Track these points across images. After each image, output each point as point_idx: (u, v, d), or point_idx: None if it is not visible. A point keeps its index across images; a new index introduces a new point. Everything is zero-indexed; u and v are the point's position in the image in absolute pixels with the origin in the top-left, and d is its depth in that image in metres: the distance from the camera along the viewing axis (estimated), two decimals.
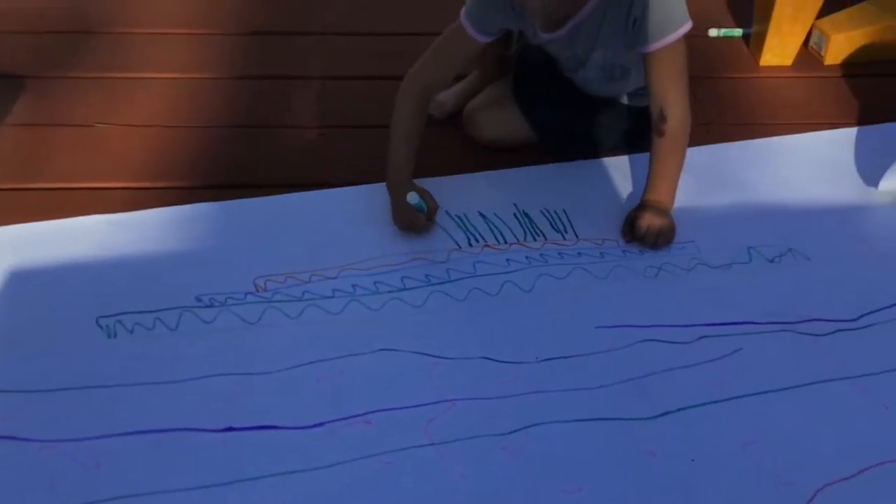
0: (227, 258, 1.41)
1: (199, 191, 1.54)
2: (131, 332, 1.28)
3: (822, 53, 1.96)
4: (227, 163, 1.62)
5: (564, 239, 1.46)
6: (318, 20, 2.06)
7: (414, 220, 1.43)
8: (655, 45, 1.39)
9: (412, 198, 1.39)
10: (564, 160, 1.62)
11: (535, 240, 1.46)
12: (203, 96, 1.79)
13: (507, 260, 1.42)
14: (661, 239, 1.43)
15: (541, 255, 1.43)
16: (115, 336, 1.27)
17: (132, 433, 1.14)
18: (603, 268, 1.41)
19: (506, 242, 1.45)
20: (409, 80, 1.50)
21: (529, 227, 1.48)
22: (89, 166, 1.59)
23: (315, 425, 1.17)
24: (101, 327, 1.28)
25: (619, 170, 1.61)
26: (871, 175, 1.58)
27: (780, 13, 1.86)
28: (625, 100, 1.61)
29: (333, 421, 1.17)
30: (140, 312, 1.31)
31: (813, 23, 1.92)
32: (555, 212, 1.51)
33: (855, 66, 1.95)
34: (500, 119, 1.62)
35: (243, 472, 1.11)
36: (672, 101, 1.41)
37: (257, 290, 1.35)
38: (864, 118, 1.78)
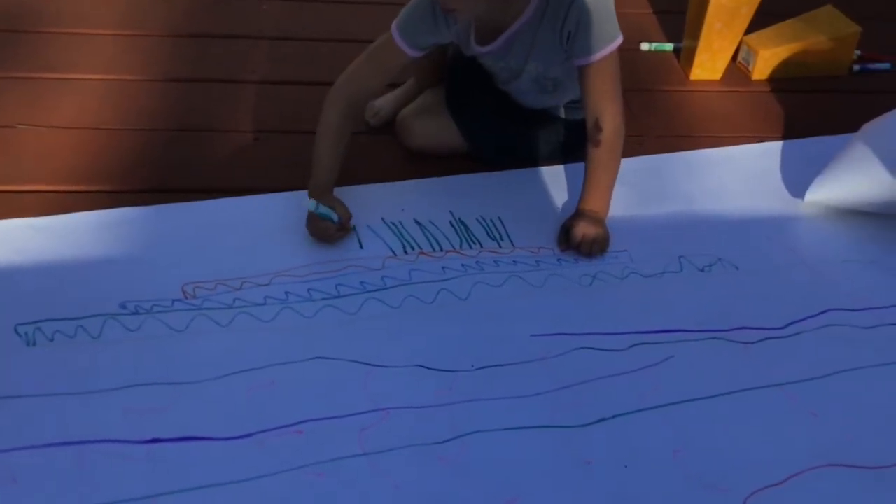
0: (155, 264, 1.36)
1: (127, 195, 1.50)
2: (51, 339, 1.23)
3: (750, 68, 2.01)
4: (157, 166, 1.58)
5: (500, 247, 1.46)
6: (254, 24, 2.03)
7: (323, 230, 1.41)
8: (590, 59, 1.40)
9: (312, 205, 1.37)
10: (497, 169, 1.61)
11: (470, 248, 1.45)
12: (132, 98, 1.74)
13: (443, 268, 1.41)
14: (595, 247, 1.44)
15: (476, 262, 1.42)
16: (33, 344, 1.22)
17: (51, 445, 1.09)
18: (538, 276, 1.41)
19: (441, 250, 1.44)
20: (338, 85, 1.48)
21: (465, 235, 1.48)
22: (10, 168, 1.53)
23: (243, 436, 1.13)
24: (19, 335, 1.23)
25: (555, 179, 1.62)
26: (797, 187, 1.63)
27: (709, 29, 1.90)
28: (561, 112, 1.62)
29: (263, 431, 1.14)
30: (61, 320, 1.26)
31: (741, 39, 1.96)
32: (491, 220, 1.50)
33: (782, 82, 2.00)
34: (433, 126, 1.62)
35: (168, 485, 1.07)
36: (607, 112, 1.43)
37: (186, 297, 1.31)
38: (790, 132, 1.83)
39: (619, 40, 1.41)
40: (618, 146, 1.46)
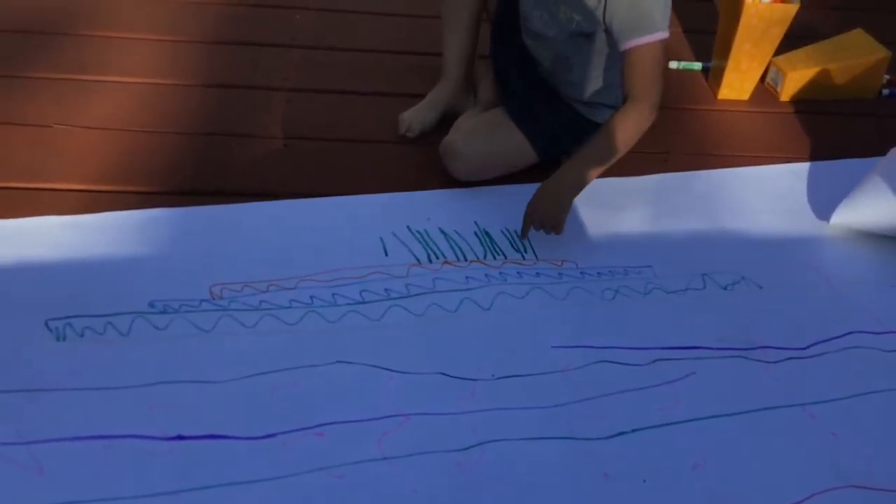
0: (184, 265, 1.38)
1: (158, 196, 1.52)
2: (81, 335, 1.25)
3: (779, 90, 2.01)
4: (188, 169, 1.60)
5: (524, 259, 1.47)
6: (286, 33, 2.06)
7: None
8: (629, 44, 1.42)
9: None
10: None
11: (494, 258, 1.46)
12: (166, 102, 1.78)
13: (467, 277, 1.42)
14: (545, 224, 1.44)
15: (500, 273, 1.44)
16: (64, 339, 1.24)
17: (78, 438, 1.11)
18: (561, 288, 1.42)
19: (466, 260, 1.46)
20: None
21: (489, 245, 1.49)
22: (45, 167, 1.56)
23: (266, 436, 1.15)
24: (50, 330, 1.25)
25: (580, 193, 1.62)
26: (822, 209, 1.63)
27: (738, 50, 1.91)
28: (598, 117, 1.62)
29: (285, 432, 1.15)
30: (91, 316, 1.28)
31: (770, 60, 1.97)
32: (515, 231, 1.52)
33: (809, 104, 2.01)
34: (482, 148, 1.59)
35: (191, 482, 1.08)
36: (636, 94, 1.44)
37: (213, 298, 1.33)
38: (816, 154, 1.83)
39: (661, 35, 1.42)
40: (624, 132, 1.45)
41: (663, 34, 1.42)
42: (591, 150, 1.46)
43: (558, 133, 1.62)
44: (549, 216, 1.44)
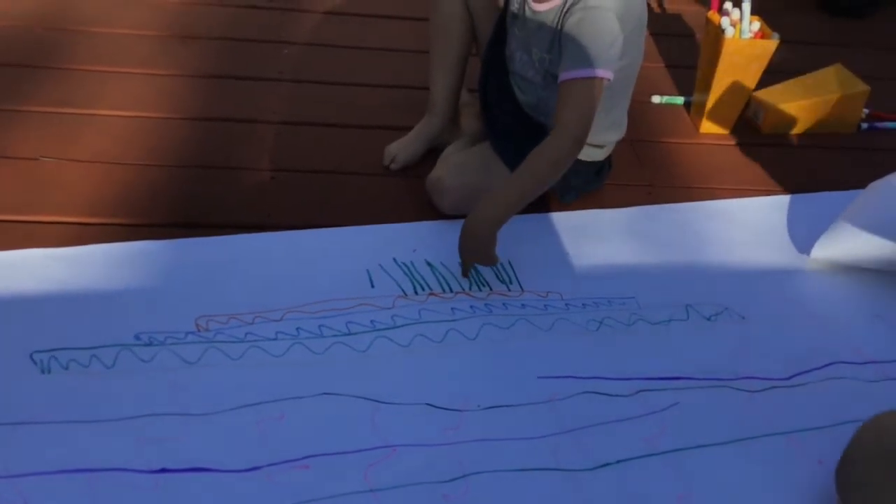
0: (170, 297, 1.39)
1: (144, 228, 1.53)
2: (66, 368, 1.25)
3: (759, 123, 2.04)
4: (174, 202, 1.61)
5: (509, 290, 1.48)
6: (274, 67, 2.08)
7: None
8: (562, 76, 1.40)
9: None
10: None
11: (480, 290, 1.47)
12: (153, 135, 1.79)
13: (452, 308, 1.43)
14: (475, 260, 1.43)
15: (486, 304, 1.45)
16: (48, 371, 1.24)
17: (62, 472, 1.10)
18: (546, 320, 1.43)
19: (451, 291, 1.47)
20: None
21: (475, 277, 1.50)
22: (31, 199, 1.56)
23: (251, 469, 1.15)
24: (34, 362, 1.25)
25: (565, 225, 1.64)
26: (804, 241, 1.65)
27: (719, 84, 1.94)
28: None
29: (271, 465, 1.15)
30: (76, 349, 1.28)
31: (750, 94, 2.00)
32: (500, 263, 1.52)
33: (790, 137, 2.04)
34: (468, 184, 1.59)
35: None
36: (558, 126, 1.40)
37: (199, 330, 1.33)
38: (797, 186, 1.86)
39: (599, 73, 1.38)
40: (539, 165, 1.40)
41: (601, 73, 1.38)
42: (508, 183, 1.43)
43: None
44: (478, 252, 1.42)
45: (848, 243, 1.57)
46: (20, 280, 1.38)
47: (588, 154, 1.62)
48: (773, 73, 2.00)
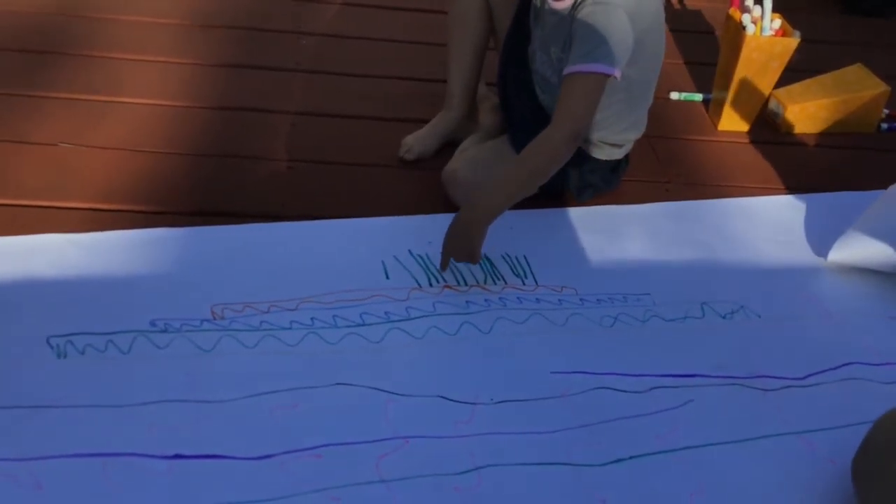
0: (185, 284, 1.39)
1: (162, 216, 1.53)
2: (82, 353, 1.25)
3: (778, 122, 2.03)
4: (192, 190, 1.61)
5: (524, 284, 1.48)
6: (291, 57, 2.08)
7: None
8: (566, 69, 1.40)
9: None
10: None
11: (495, 283, 1.47)
12: (171, 123, 1.79)
13: (467, 301, 1.43)
14: (460, 255, 1.41)
15: (500, 298, 1.44)
16: (65, 356, 1.25)
17: (77, 455, 1.11)
18: (560, 314, 1.43)
19: (466, 284, 1.46)
20: None
21: (490, 270, 1.50)
22: (50, 185, 1.57)
23: (264, 457, 1.15)
24: (51, 346, 1.25)
25: (580, 219, 1.64)
26: (821, 241, 1.64)
27: (739, 82, 1.93)
28: (592, 151, 1.63)
29: (283, 453, 1.15)
30: (93, 334, 1.28)
31: (770, 92, 1.99)
32: (516, 257, 1.52)
33: (809, 136, 2.03)
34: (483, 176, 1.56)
35: (189, 501, 1.08)
36: (555, 121, 1.39)
37: (214, 318, 1.34)
38: (815, 186, 1.84)
39: (606, 69, 1.37)
40: (533, 161, 1.40)
41: (605, 69, 1.37)
42: (501, 178, 1.41)
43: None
44: (463, 248, 1.41)
45: (865, 248, 1.55)
46: (38, 264, 1.39)
47: (607, 153, 1.62)
48: (793, 72, 1.99)
